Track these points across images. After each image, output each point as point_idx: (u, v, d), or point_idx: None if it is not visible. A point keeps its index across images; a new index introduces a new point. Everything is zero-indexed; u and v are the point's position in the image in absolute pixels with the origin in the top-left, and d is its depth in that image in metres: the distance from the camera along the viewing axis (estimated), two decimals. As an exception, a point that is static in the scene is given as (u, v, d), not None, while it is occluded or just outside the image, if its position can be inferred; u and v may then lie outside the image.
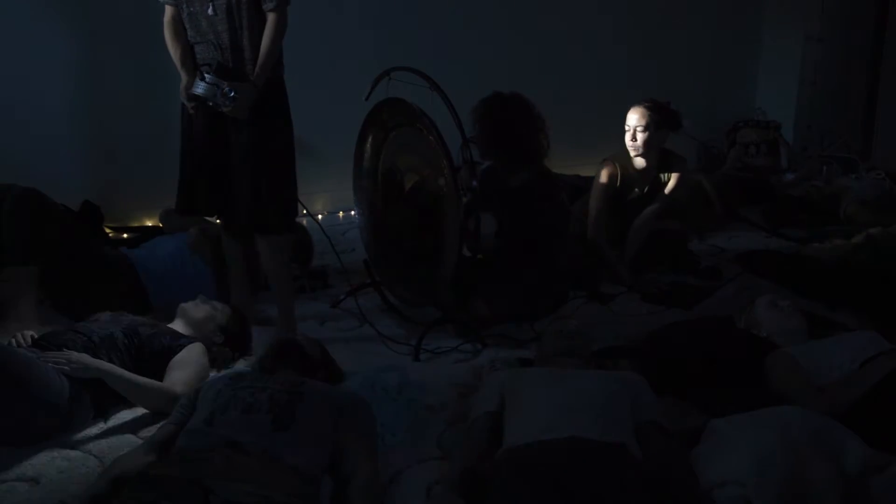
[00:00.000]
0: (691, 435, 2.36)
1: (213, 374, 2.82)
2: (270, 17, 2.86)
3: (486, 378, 2.71)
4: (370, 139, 3.51)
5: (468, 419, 2.49)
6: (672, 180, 3.97)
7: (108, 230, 4.01)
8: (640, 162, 3.90)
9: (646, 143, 3.83)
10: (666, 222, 4.14)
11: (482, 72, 4.73)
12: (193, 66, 2.92)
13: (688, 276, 3.98)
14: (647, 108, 3.83)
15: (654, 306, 3.65)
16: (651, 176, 3.95)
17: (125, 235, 4.02)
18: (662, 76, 5.20)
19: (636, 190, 3.98)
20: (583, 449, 2.14)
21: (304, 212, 3.43)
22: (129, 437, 2.49)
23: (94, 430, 2.52)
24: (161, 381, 2.66)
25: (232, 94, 2.80)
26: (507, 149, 3.46)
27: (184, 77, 2.92)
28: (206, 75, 2.81)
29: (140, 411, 2.61)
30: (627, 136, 3.86)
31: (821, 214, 4.76)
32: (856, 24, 5.52)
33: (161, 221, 3.94)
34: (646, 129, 3.82)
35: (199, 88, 2.82)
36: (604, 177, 3.92)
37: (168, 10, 2.95)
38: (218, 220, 3.35)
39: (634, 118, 3.84)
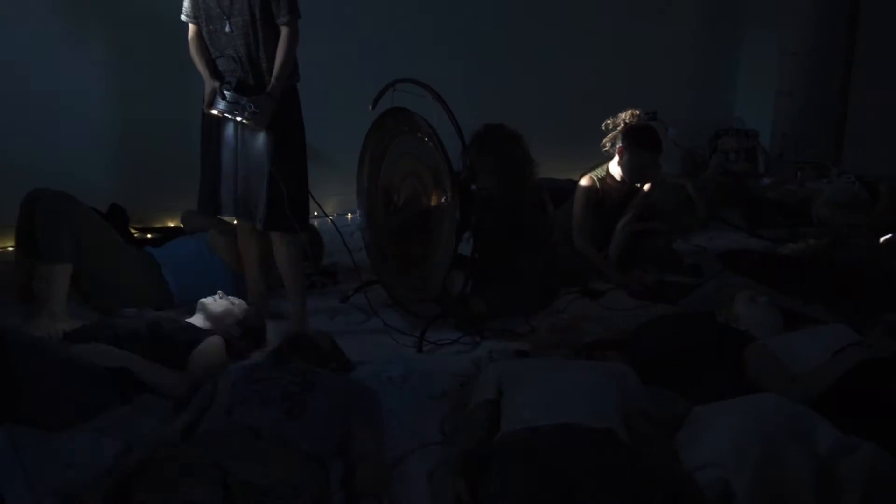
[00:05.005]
0: (675, 421, 2.37)
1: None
2: (283, 31, 2.87)
3: (485, 368, 2.72)
4: (375, 145, 3.52)
5: (468, 406, 2.50)
6: (646, 186, 3.97)
7: (133, 231, 4.01)
8: (617, 174, 3.90)
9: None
10: (651, 223, 4.15)
11: (483, 83, 4.74)
12: (218, 77, 2.93)
13: (672, 274, 3.99)
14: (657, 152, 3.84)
15: (640, 302, 3.65)
16: (627, 186, 3.95)
17: (149, 236, 4.03)
18: (651, 89, 5.20)
19: (615, 198, 3.98)
20: (574, 434, 2.15)
21: (315, 213, 3.44)
22: (154, 423, 2.49)
23: (121, 415, 2.52)
24: (182, 371, 2.67)
25: (252, 108, 2.81)
26: (503, 175, 3.46)
27: (208, 87, 2.93)
28: (225, 93, 2.81)
29: (163, 398, 2.61)
30: (630, 171, 3.85)
31: (795, 216, 4.76)
32: (828, 39, 5.52)
33: (182, 222, 3.95)
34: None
35: (220, 106, 2.83)
36: (583, 191, 3.93)
37: (191, 28, 2.97)
38: (235, 221, 3.36)
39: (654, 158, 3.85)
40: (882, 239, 3.99)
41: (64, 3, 3.83)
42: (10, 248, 3.46)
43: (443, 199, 3.22)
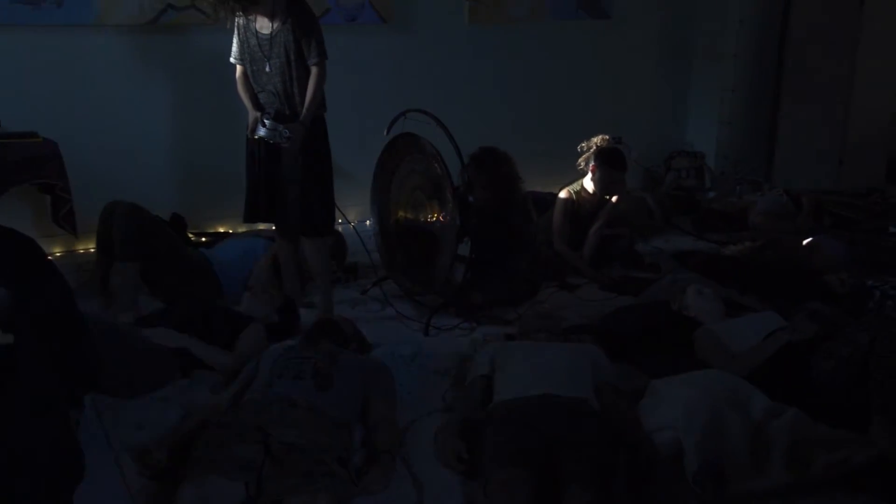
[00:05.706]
0: (637, 392, 2.38)
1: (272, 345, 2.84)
2: (313, 71, 2.86)
3: (480, 349, 2.73)
4: (387, 164, 3.50)
5: (466, 380, 2.51)
6: (614, 198, 3.96)
7: (190, 235, 4.01)
8: (590, 188, 3.90)
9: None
10: (617, 229, 4.13)
11: (479, 113, 4.73)
12: (259, 108, 2.94)
13: (635, 270, 3.98)
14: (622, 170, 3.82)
15: (608, 293, 3.63)
16: (598, 198, 3.94)
17: (203, 239, 4.02)
18: (618, 118, 5.20)
19: (588, 208, 3.97)
20: (555, 402, 2.16)
21: (340, 220, 3.43)
22: (208, 393, 2.51)
23: (181, 387, 2.53)
24: (231, 351, 2.67)
25: (287, 134, 2.81)
26: (496, 189, 3.45)
27: (251, 116, 2.94)
28: (266, 121, 2.83)
29: (216, 373, 2.62)
30: (601, 186, 3.83)
31: (734, 223, 4.74)
32: (761, 79, 5.55)
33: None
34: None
35: (262, 131, 2.84)
36: (562, 202, 3.91)
37: (238, 68, 2.97)
38: (273, 227, 3.35)
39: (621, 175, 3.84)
40: (804, 242, 3.99)
41: (144, 58, 3.88)
42: (93, 250, 3.48)
43: (443, 211, 3.21)
